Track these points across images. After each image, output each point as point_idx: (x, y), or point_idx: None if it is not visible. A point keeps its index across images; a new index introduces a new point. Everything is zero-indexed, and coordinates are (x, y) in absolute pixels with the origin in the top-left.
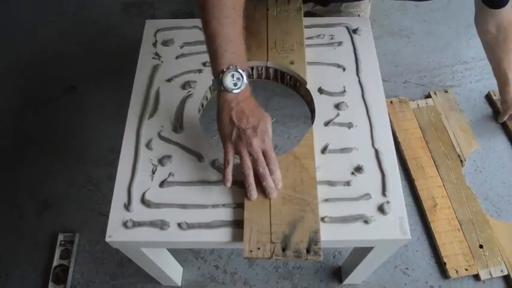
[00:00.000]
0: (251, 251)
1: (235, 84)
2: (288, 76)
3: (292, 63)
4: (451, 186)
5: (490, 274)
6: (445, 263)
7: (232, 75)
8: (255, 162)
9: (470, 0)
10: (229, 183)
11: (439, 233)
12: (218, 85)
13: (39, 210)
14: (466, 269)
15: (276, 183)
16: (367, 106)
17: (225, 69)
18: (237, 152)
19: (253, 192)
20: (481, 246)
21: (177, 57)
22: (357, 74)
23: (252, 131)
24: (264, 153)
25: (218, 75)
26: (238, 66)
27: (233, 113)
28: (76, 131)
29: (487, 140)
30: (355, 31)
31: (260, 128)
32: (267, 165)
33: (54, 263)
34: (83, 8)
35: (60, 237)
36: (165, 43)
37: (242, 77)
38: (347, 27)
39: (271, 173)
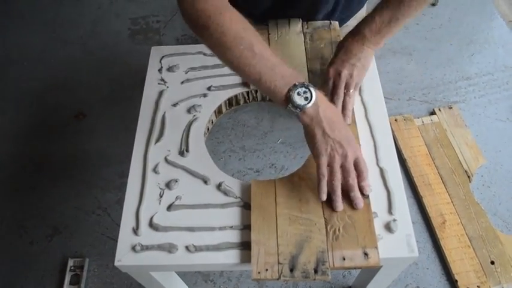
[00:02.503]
0: (259, 273)
1: (306, 99)
2: None
3: None
4: (459, 203)
5: None
6: (456, 281)
7: (298, 93)
8: (346, 173)
9: (470, 16)
10: (325, 196)
11: (449, 250)
12: (294, 111)
13: (49, 235)
14: (478, 286)
15: (366, 190)
16: (370, 125)
17: (286, 96)
18: (330, 165)
19: (340, 204)
20: (492, 263)
21: (182, 82)
22: (360, 93)
23: (346, 142)
24: (356, 162)
25: (285, 105)
26: (295, 83)
27: (325, 125)
28: (85, 156)
29: (493, 155)
30: None
31: (351, 137)
32: (360, 173)
33: None
34: (90, 36)
35: (70, 262)
36: (171, 69)
37: (307, 87)
38: None
39: (362, 179)
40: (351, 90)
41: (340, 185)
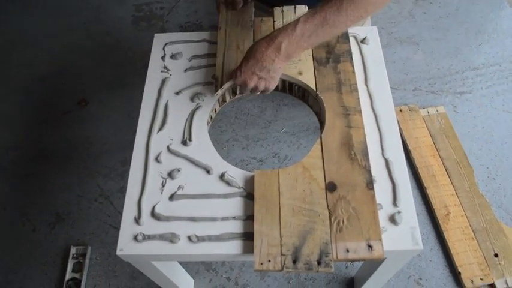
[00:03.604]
0: (262, 264)
1: None
2: (296, 87)
3: (300, 73)
4: (464, 194)
5: (506, 283)
6: (459, 273)
7: None
8: None
9: (479, 6)
10: None
11: (453, 242)
12: None
13: (51, 223)
14: (481, 279)
15: None
16: (376, 115)
17: None
18: None
19: None
20: (496, 255)
21: (185, 70)
22: (366, 83)
23: None
24: None
25: None
26: None
27: None
28: (88, 144)
29: (499, 147)
30: (363, 41)
31: None
32: None
33: (67, 276)
34: (93, 22)
35: (73, 250)
36: (174, 56)
37: None
38: (355, 37)
39: None
40: (258, 92)
41: None
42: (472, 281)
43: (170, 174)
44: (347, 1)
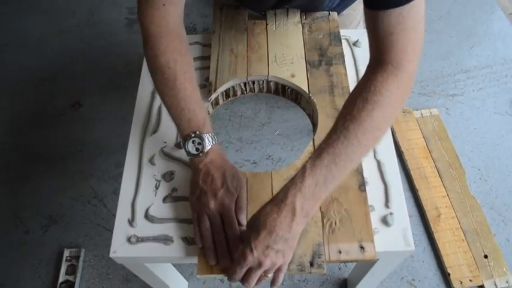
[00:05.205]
0: None
1: (197, 150)
2: (289, 89)
3: (293, 76)
4: (455, 196)
5: (495, 285)
6: (449, 274)
7: (193, 142)
8: (212, 226)
9: (470, 9)
10: (200, 245)
11: (443, 244)
12: (186, 153)
13: (45, 225)
14: (470, 280)
15: (233, 250)
16: None
17: (185, 138)
18: (197, 213)
19: (210, 259)
20: (485, 257)
21: None
22: None
23: (212, 193)
24: (224, 216)
25: (184, 144)
26: (197, 132)
27: (200, 175)
28: (81, 146)
29: (491, 149)
30: (355, 43)
31: (223, 190)
32: (228, 229)
33: (60, 279)
34: (87, 25)
35: (66, 252)
36: None
37: (202, 140)
38: (347, 40)
39: (228, 237)
40: (270, 275)
41: (210, 236)
42: (461, 282)
43: (164, 177)
44: (353, 125)
